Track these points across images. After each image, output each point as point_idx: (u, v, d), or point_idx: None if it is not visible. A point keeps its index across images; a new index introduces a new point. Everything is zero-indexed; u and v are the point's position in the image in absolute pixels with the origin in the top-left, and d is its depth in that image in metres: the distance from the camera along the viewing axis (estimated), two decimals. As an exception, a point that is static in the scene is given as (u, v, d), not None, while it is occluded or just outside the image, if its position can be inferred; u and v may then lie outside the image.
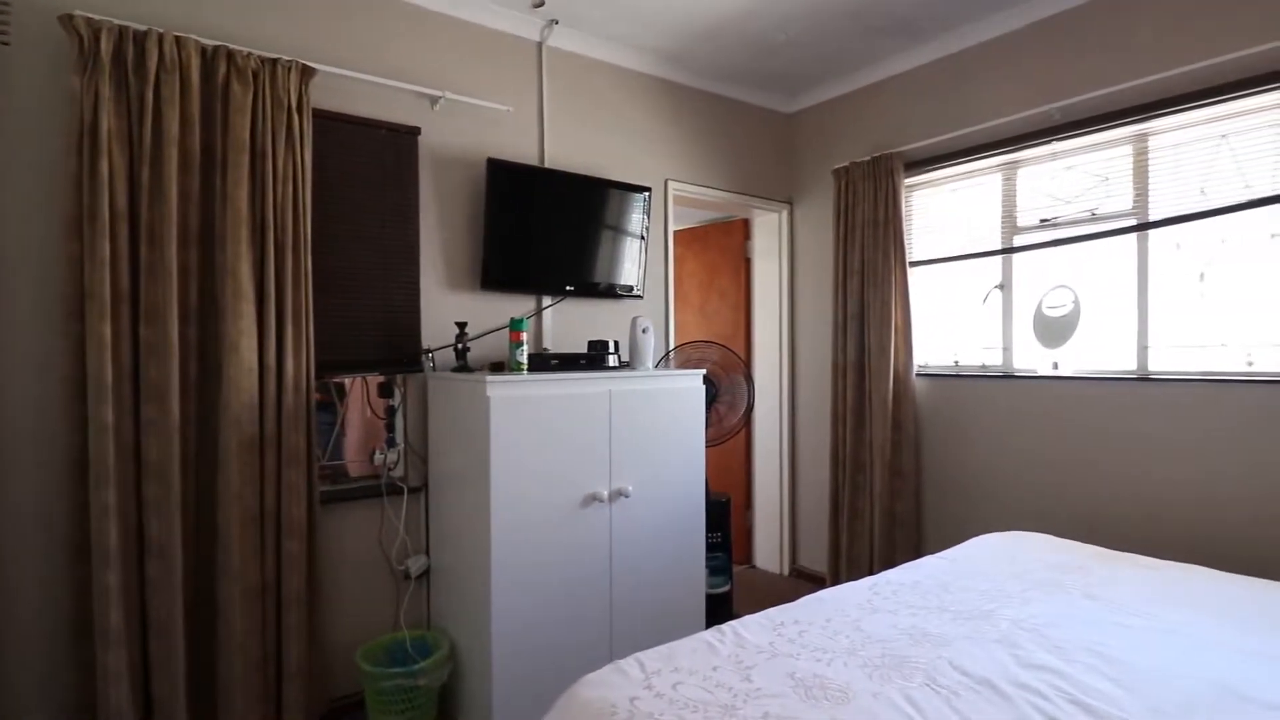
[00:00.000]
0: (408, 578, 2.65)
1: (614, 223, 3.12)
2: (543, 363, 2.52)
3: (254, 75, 2.22)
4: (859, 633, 1.64)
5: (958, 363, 3.31)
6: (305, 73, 2.33)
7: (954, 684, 1.39)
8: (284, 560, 2.25)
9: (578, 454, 2.41)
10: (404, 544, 2.66)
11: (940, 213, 3.36)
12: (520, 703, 2.24)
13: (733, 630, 1.67)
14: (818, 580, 3.75)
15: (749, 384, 3.29)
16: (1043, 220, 2.96)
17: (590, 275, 3.07)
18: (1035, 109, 2.87)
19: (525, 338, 2.46)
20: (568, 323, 3.12)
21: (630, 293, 3.20)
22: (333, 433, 2.68)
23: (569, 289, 3.00)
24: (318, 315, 2.41)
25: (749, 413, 3.33)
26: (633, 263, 3.19)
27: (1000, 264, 3.12)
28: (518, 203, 2.83)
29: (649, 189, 3.21)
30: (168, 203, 2.07)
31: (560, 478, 2.37)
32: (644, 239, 3.21)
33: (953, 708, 1.30)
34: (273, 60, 2.26)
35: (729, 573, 3.31)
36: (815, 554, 3.87)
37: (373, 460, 2.68)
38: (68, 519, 2.01)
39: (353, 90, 2.54)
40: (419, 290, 2.70)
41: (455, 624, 2.49)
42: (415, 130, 2.68)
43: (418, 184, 2.69)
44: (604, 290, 3.13)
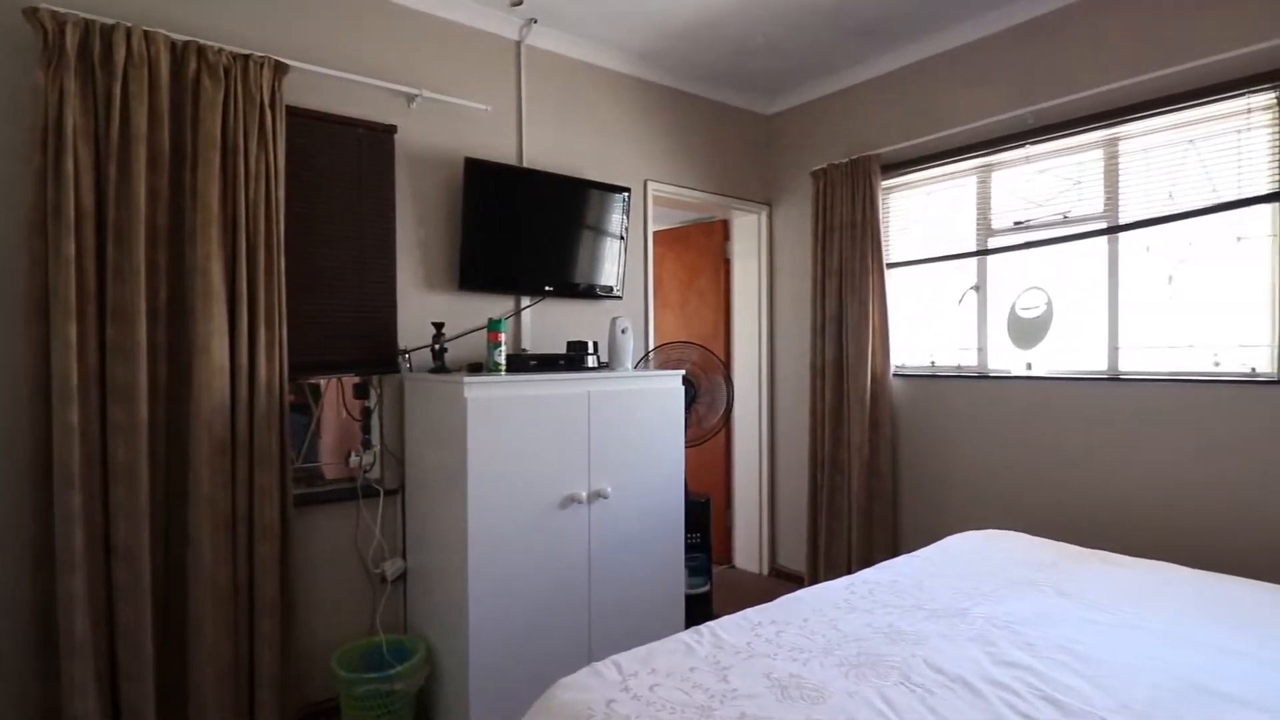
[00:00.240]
0: (384, 581, 2.62)
1: (593, 223, 3.11)
2: (521, 363, 2.51)
3: (225, 71, 2.18)
4: (836, 632, 1.65)
5: (934, 363, 3.34)
6: (278, 69, 2.29)
7: (928, 682, 1.40)
8: (256, 564, 2.22)
9: (556, 455, 2.40)
10: (380, 547, 2.63)
11: (917, 215, 3.39)
12: (498, 706, 2.22)
13: (711, 631, 1.67)
14: (797, 580, 3.77)
15: (728, 385, 3.30)
16: (1016, 223, 3.00)
17: (569, 275, 3.05)
18: (1009, 113, 2.92)
19: (504, 338, 2.45)
20: (547, 323, 3.10)
21: (610, 293, 3.20)
22: (307, 434, 2.64)
23: (548, 289, 2.99)
24: (291, 315, 2.38)
25: (728, 413, 3.33)
26: (612, 263, 3.18)
27: (975, 265, 3.16)
28: (496, 203, 2.81)
29: (628, 189, 3.21)
30: (135, 200, 2.03)
31: (538, 479, 2.35)
32: (623, 239, 3.21)
33: (927, 706, 1.31)
34: (245, 56, 2.22)
35: (709, 573, 3.31)
36: (795, 554, 3.89)
37: (348, 462, 2.64)
38: (31, 523, 1.95)
39: (327, 88, 2.51)
40: (395, 290, 2.67)
41: (432, 627, 2.46)
42: (391, 129, 2.65)
43: (394, 183, 2.66)
44: (583, 291, 3.12)
